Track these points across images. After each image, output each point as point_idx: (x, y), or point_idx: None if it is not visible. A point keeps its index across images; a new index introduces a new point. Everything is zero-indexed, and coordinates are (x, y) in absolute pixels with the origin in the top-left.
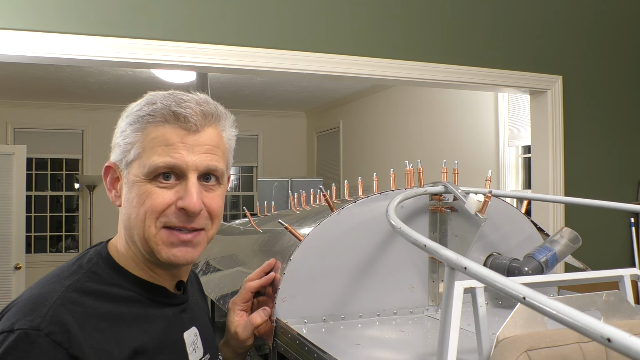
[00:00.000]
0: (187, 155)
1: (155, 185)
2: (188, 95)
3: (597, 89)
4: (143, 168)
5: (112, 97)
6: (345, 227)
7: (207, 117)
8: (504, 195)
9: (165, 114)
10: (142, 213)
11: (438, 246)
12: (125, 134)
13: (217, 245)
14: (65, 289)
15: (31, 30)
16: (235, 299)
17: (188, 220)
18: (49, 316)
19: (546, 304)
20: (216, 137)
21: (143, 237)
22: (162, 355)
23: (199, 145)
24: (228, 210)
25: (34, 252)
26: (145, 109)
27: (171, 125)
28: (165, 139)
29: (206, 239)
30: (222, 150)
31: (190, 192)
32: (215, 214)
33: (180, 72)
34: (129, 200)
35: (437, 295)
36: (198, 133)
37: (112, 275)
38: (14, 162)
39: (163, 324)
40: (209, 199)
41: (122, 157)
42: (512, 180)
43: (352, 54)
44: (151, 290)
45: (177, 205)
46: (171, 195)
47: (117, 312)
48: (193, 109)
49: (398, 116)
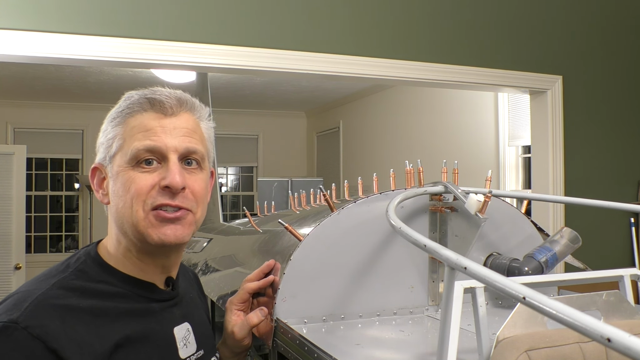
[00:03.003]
0: (166, 138)
1: (138, 171)
2: (164, 87)
3: (597, 89)
4: (125, 156)
5: (112, 97)
6: (345, 227)
7: (182, 102)
8: (504, 195)
9: (142, 103)
10: (129, 199)
11: (438, 246)
12: (106, 132)
13: (217, 245)
14: (50, 287)
15: (31, 30)
16: (233, 299)
17: (172, 198)
18: (28, 311)
19: (546, 304)
20: (193, 122)
21: (132, 224)
22: (147, 349)
23: (176, 129)
24: (228, 210)
25: (34, 252)
26: (124, 104)
27: (148, 112)
28: (144, 125)
29: (194, 220)
30: (199, 135)
31: (172, 170)
32: (200, 197)
33: (180, 72)
34: (115, 192)
35: (437, 295)
36: (175, 116)
37: (100, 272)
38: (14, 162)
39: (149, 318)
40: (192, 180)
41: (105, 153)
42: (512, 180)
43: (352, 54)
44: (139, 286)
45: (160, 185)
46: (154, 177)
47: (101, 306)
48: (168, 95)
49: (398, 116)
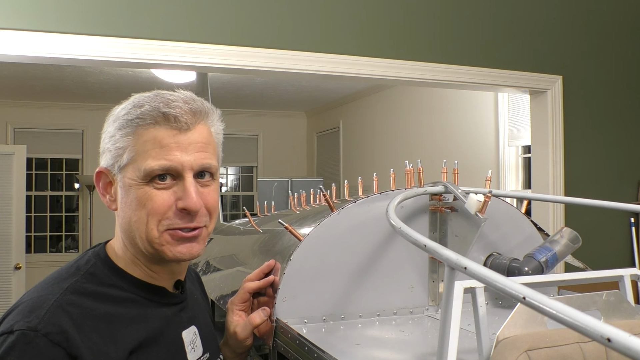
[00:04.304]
0: (182, 156)
1: (153, 187)
2: (174, 94)
3: (597, 89)
4: (138, 172)
5: (112, 97)
6: (345, 227)
7: (196, 114)
8: (504, 195)
9: (155, 116)
10: (144, 216)
11: (438, 246)
12: (115, 139)
13: (217, 245)
14: (63, 291)
15: (31, 30)
16: (234, 299)
17: (190, 220)
18: (46, 317)
19: (546, 304)
20: (207, 134)
21: (146, 240)
22: (160, 354)
23: (191, 144)
24: (228, 210)
25: (34, 252)
26: (134, 112)
27: (162, 126)
28: (158, 141)
29: (207, 234)
30: (212, 146)
31: (189, 192)
32: (213, 209)
33: (180, 72)
34: (127, 204)
35: (437, 295)
36: (189, 131)
37: (110, 276)
38: (14, 162)
39: (161, 323)
40: (206, 195)
41: (114, 161)
42: (512, 180)
43: (352, 54)
44: (149, 291)
45: (177, 206)
46: (170, 195)
47: (115, 312)
48: (182, 108)
49: (398, 116)
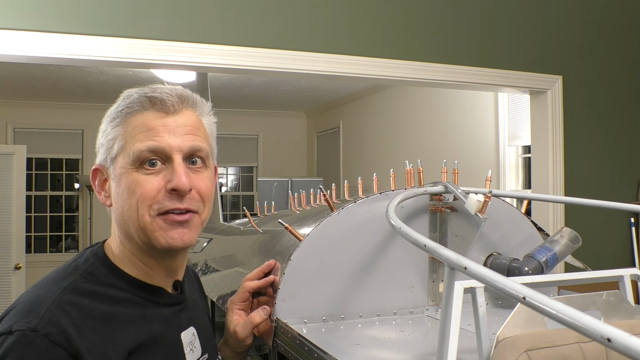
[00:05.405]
0: (170, 138)
1: (142, 173)
2: (163, 84)
3: (597, 89)
4: (128, 157)
5: (112, 97)
6: (345, 227)
7: (183, 100)
8: (504, 195)
9: (142, 102)
10: (134, 203)
11: (438, 246)
12: (106, 132)
13: (217, 245)
14: (62, 291)
15: (31, 30)
16: (234, 299)
17: (180, 201)
18: (46, 317)
19: (546, 304)
20: (195, 119)
21: (139, 227)
22: (159, 355)
23: (179, 127)
24: (228, 210)
25: (34, 252)
26: (123, 104)
27: (149, 111)
28: (145, 125)
29: (200, 222)
30: (203, 132)
31: (178, 172)
32: (206, 196)
33: (180, 72)
34: (119, 194)
35: (437, 295)
36: (177, 114)
37: (108, 275)
38: (14, 162)
39: (160, 324)
40: (197, 180)
41: (106, 154)
42: (512, 180)
43: (352, 54)
44: (148, 291)
45: (166, 188)
46: (159, 180)
47: (113, 312)
48: (169, 92)
49: (398, 116)
